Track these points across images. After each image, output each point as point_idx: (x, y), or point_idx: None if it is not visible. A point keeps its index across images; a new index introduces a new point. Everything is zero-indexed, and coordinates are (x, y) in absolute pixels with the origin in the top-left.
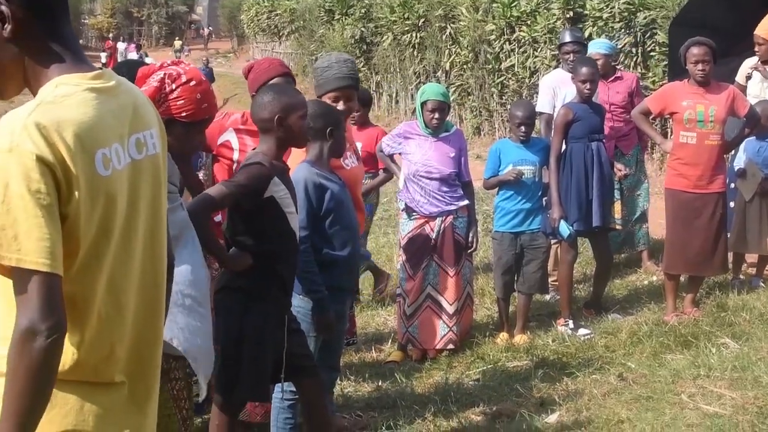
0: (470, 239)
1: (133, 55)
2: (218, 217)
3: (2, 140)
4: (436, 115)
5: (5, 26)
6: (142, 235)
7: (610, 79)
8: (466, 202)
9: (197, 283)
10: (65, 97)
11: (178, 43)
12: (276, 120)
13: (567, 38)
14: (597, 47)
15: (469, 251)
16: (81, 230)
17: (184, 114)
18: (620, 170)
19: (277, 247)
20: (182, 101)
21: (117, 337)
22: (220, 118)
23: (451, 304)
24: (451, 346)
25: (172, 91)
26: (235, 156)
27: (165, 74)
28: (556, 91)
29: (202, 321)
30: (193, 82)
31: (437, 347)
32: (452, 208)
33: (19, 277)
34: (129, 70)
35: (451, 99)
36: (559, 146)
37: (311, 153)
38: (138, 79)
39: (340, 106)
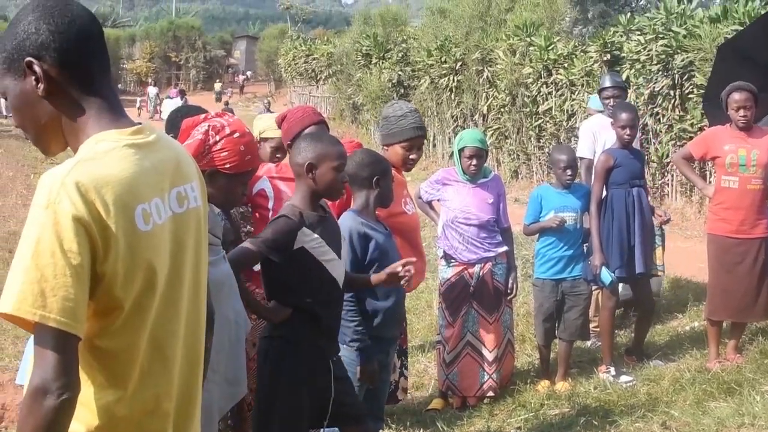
0: (510, 286)
1: (177, 101)
2: (257, 267)
3: (40, 196)
4: (474, 162)
5: (39, 85)
6: (186, 288)
7: None
8: (505, 248)
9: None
10: (105, 154)
11: (218, 86)
12: (306, 166)
13: (607, 83)
14: (595, 104)
15: (508, 298)
16: (120, 287)
17: (227, 165)
18: (660, 216)
19: (317, 296)
20: (226, 153)
21: (162, 391)
22: None
23: (491, 351)
24: (491, 394)
25: (216, 142)
26: (271, 204)
27: (209, 126)
28: (596, 136)
29: (210, 388)
30: (236, 134)
31: (477, 395)
32: (491, 254)
33: (40, 333)
34: (184, 117)
35: (489, 142)
36: (600, 192)
37: (357, 202)
38: (182, 131)
39: (413, 154)
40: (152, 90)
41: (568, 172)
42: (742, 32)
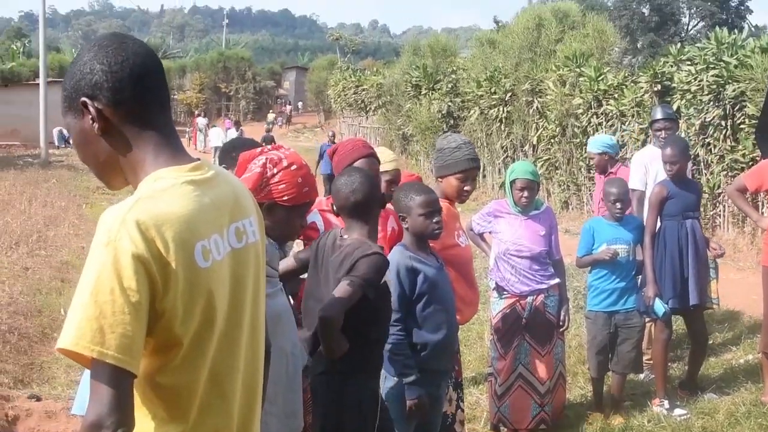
0: (562, 318)
1: (232, 132)
2: None
3: (101, 234)
4: (525, 194)
5: (94, 124)
6: (246, 322)
7: (605, 176)
8: (557, 280)
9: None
10: (164, 191)
11: (271, 116)
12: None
13: (658, 115)
14: (591, 146)
15: (560, 330)
16: (179, 324)
17: (285, 198)
18: (715, 249)
19: (385, 328)
20: (284, 185)
21: (222, 425)
22: None
23: (542, 384)
24: (543, 427)
25: (273, 175)
26: None
27: (267, 159)
28: (647, 167)
29: (268, 421)
30: (294, 167)
31: (529, 427)
32: (543, 286)
33: (96, 368)
34: (238, 149)
35: (539, 173)
36: (654, 224)
37: (406, 236)
38: (239, 165)
39: (467, 186)
40: (201, 121)
41: (618, 205)
42: None
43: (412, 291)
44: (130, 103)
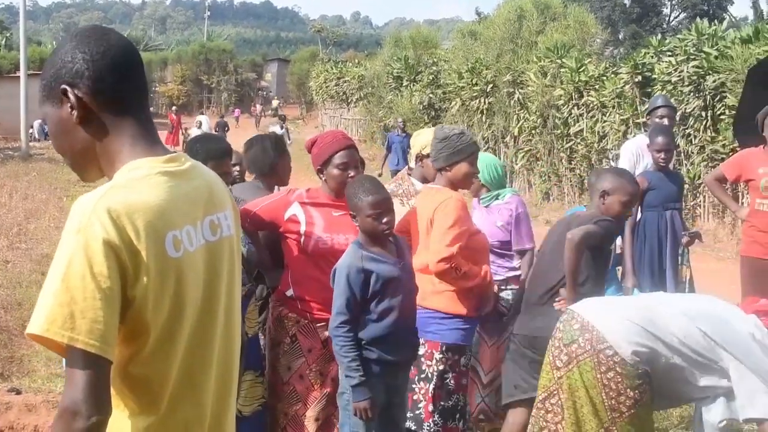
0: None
1: (277, 129)
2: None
3: (72, 222)
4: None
5: (73, 112)
6: (220, 315)
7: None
8: (516, 273)
9: None
10: (138, 181)
11: (275, 103)
12: None
13: (660, 102)
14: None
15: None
16: (149, 312)
17: None
18: (686, 239)
19: None
20: None
21: (192, 417)
22: (284, 194)
23: (486, 374)
24: (482, 416)
25: None
26: (302, 229)
27: None
28: (638, 157)
29: None
30: None
31: (472, 415)
32: (498, 277)
33: (70, 355)
34: (203, 145)
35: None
36: (634, 215)
37: (360, 233)
38: None
39: (475, 169)
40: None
41: None
42: None
43: (365, 292)
44: (110, 93)
